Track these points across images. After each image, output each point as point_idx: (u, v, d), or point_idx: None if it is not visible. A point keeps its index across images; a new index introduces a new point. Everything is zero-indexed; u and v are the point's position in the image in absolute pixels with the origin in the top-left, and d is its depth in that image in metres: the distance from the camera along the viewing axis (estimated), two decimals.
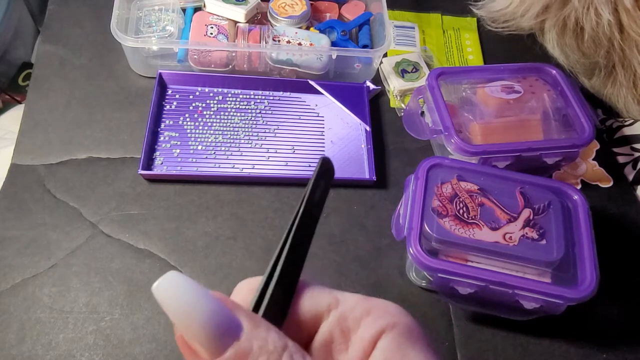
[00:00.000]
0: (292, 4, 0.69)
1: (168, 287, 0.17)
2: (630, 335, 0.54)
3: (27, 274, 0.51)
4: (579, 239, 0.50)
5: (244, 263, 0.54)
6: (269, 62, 0.66)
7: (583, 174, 0.65)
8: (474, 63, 0.75)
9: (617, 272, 0.57)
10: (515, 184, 0.52)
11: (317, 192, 0.21)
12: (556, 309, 0.48)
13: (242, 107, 0.65)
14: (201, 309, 0.17)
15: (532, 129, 0.59)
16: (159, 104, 0.64)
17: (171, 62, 0.67)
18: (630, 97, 0.68)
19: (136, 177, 0.58)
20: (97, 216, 0.55)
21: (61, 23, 0.71)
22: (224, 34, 0.66)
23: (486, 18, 0.78)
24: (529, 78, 0.63)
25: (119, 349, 0.48)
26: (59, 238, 0.54)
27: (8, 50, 0.99)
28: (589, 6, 0.65)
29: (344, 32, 0.70)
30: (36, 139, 0.60)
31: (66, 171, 0.58)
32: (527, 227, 0.49)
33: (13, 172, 0.58)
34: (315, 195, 0.21)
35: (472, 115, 0.59)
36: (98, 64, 0.67)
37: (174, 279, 0.17)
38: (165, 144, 0.61)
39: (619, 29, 0.65)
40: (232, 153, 0.61)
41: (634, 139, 0.68)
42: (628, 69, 0.66)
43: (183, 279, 0.17)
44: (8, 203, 0.55)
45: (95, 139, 0.61)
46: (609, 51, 0.67)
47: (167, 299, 0.17)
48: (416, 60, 0.72)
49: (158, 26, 0.67)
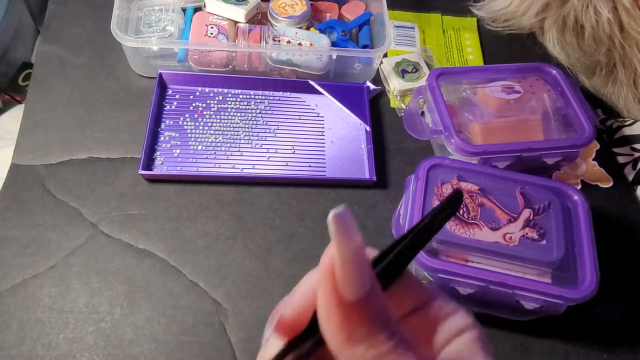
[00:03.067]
0: (292, 4, 0.69)
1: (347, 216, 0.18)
2: (630, 335, 0.54)
3: (27, 274, 0.51)
4: (579, 239, 0.50)
5: (244, 263, 0.54)
6: (269, 62, 0.66)
7: (583, 174, 0.65)
8: (474, 63, 0.75)
9: (617, 272, 0.57)
10: (515, 184, 0.52)
11: (440, 217, 0.22)
12: (556, 309, 0.48)
13: (242, 107, 0.65)
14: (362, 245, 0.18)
15: (532, 129, 0.59)
16: (159, 104, 0.64)
17: (171, 62, 0.67)
18: (631, 95, 0.68)
19: (136, 177, 0.58)
20: (97, 216, 0.55)
21: (61, 23, 0.71)
22: (224, 34, 0.66)
23: (486, 18, 0.78)
24: (529, 78, 0.63)
25: (119, 349, 0.48)
26: (59, 238, 0.54)
27: (8, 50, 0.99)
28: (587, 4, 0.65)
29: (344, 32, 0.70)
30: (36, 139, 0.60)
31: (66, 171, 0.58)
32: (527, 228, 0.49)
33: (13, 172, 0.58)
34: (436, 220, 0.22)
35: (472, 115, 0.59)
36: (98, 64, 0.67)
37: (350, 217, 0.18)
38: (165, 144, 0.61)
39: (619, 27, 0.65)
40: (232, 153, 0.61)
41: (634, 139, 0.68)
42: (628, 67, 0.66)
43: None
44: (8, 203, 0.55)
45: (96, 139, 0.61)
46: (610, 49, 0.67)
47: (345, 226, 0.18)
48: (416, 60, 0.72)
49: (158, 26, 0.67)
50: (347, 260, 0.18)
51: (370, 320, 0.18)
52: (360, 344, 0.18)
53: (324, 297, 0.19)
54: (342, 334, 0.18)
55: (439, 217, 0.22)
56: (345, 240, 0.18)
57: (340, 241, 0.18)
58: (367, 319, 0.18)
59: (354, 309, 0.18)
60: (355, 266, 0.18)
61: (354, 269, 0.18)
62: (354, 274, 0.18)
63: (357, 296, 0.18)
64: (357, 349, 0.18)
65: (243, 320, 0.51)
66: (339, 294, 0.18)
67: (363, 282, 0.18)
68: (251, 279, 0.53)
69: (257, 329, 0.51)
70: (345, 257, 0.18)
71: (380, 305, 0.19)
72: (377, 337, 0.18)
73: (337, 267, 0.18)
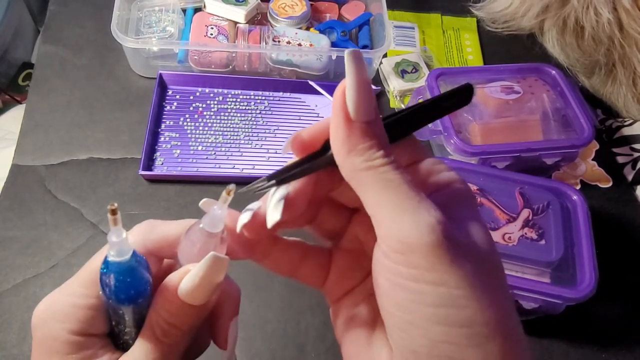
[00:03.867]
0: (292, 5, 0.69)
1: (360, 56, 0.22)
2: (630, 335, 0.54)
3: (28, 274, 0.51)
4: (578, 239, 0.50)
5: (244, 262, 0.54)
6: (269, 63, 0.67)
7: (582, 174, 0.65)
8: (474, 63, 0.75)
9: (616, 272, 0.57)
10: (514, 184, 0.52)
11: (449, 101, 0.24)
12: (555, 309, 0.49)
13: (242, 107, 0.65)
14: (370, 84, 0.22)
15: (531, 130, 0.59)
16: (160, 104, 0.64)
17: (171, 63, 0.67)
18: (630, 95, 0.68)
19: (137, 178, 0.58)
20: (97, 216, 0.56)
21: (62, 23, 0.71)
22: (224, 34, 0.66)
23: (486, 19, 0.78)
24: (529, 78, 0.64)
25: None
26: (60, 238, 0.54)
27: (8, 50, 0.99)
28: (588, 5, 0.65)
29: (343, 32, 0.70)
30: (37, 140, 0.61)
31: (67, 172, 0.58)
32: (527, 227, 0.49)
33: (14, 172, 0.58)
34: (445, 103, 0.24)
35: (471, 115, 0.59)
36: (98, 64, 0.68)
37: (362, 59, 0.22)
38: (165, 144, 0.61)
39: (619, 28, 0.65)
40: (233, 153, 0.61)
41: (633, 139, 0.68)
42: (628, 67, 0.67)
43: None
44: (9, 203, 0.56)
45: (96, 139, 0.61)
46: (609, 49, 0.67)
47: (358, 60, 0.21)
48: (416, 60, 0.72)
49: (158, 27, 0.67)
50: (355, 86, 0.21)
51: (370, 139, 0.22)
52: (359, 156, 0.21)
53: (335, 114, 0.22)
54: (346, 146, 0.22)
55: (446, 101, 0.24)
56: (357, 70, 0.21)
57: (352, 70, 0.21)
58: (367, 137, 0.22)
59: (358, 127, 0.22)
60: (361, 92, 0.21)
61: (360, 93, 0.21)
62: (360, 97, 0.21)
63: (361, 118, 0.22)
64: (357, 160, 0.22)
65: (243, 320, 0.51)
66: (347, 113, 0.22)
67: (367, 107, 0.22)
68: (251, 279, 0.53)
69: (257, 329, 0.51)
70: (354, 83, 0.21)
71: (380, 131, 0.22)
72: (375, 153, 0.21)
73: (347, 91, 0.21)
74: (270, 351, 0.50)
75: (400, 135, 0.24)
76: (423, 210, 0.21)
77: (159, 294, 0.25)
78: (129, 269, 0.23)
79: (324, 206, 0.27)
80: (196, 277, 0.24)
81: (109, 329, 0.26)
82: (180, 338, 0.25)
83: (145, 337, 0.25)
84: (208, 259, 0.23)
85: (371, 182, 0.21)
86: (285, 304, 0.52)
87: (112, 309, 0.25)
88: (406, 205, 0.21)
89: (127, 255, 0.23)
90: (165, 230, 0.27)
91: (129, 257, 0.23)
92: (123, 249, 0.23)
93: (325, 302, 0.28)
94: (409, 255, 0.21)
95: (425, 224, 0.20)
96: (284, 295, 0.53)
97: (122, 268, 0.23)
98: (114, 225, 0.22)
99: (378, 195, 0.21)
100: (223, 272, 0.24)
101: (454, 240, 0.21)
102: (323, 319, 0.52)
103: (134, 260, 0.23)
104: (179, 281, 0.24)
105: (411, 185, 0.21)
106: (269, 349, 0.50)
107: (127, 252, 0.23)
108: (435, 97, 0.24)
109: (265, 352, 0.50)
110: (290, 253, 0.27)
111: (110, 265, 0.23)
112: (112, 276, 0.23)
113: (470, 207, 0.24)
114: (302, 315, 0.52)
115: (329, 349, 0.50)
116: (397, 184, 0.21)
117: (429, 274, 0.20)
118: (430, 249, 0.20)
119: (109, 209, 0.22)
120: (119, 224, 0.22)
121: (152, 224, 0.27)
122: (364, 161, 0.21)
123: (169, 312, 0.24)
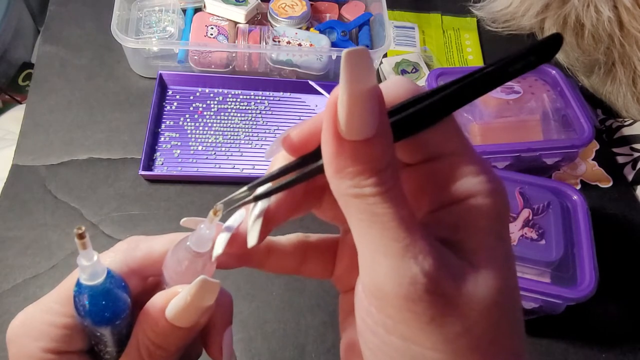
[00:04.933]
0: (292, 5, 0.69)
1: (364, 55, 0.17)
2: (630, 335, 0.54)
3: (28, 274, 0.51)
4: (578, 239, 0.50)
5: None
6: (269, 63, 0.67)
7: (582, 174, 0.65)
8: (474, 63, 0.75)
9: (616, 272, 0.57)
10: (514, 184, 0.52)
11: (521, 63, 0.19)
12: (555, 309, 0.49)
13: (242, 107, 0.65)
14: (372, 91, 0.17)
15: (531, 130, 0.59)
16: (160, 104, 0.64)
17: (171, 63, 0.67)
18: (630, 94, 0.68)
19: (137, 178, 0.58)
20: (97, 217, 0.56)
21: (62, 24, 0.71)
22: (224, 34, 0.66)
23: (486, 18, 0.78)
24: (529, 78, 0.64)
25: None
26: (60, 238, 0.54)
27: (8, 50, 0.99)
28: (588, 4, 0.65)
29: (344, 32, 0.70)
30: (37, 140, 0.61)
31: (67, 172, 0.58)
32: (527, 227, 0.49)
33: (14, 172, 0.58)
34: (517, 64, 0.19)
35: (471, 115, 0.59)
36: (98, 64, 0.68)
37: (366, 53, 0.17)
38: (165, 144, 0.61)
39: (619, 26, 0.65)
40: (233, 154, 0.61)
41: (633, 139, 0.68)
42: (628, 66, 0.67)
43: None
44: (9, 204, 0.56)
45: (96, 139, 0.61)
46: (609, 47, 0.67)
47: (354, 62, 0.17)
48: (416, 60, 0.72)
49: (158, 27, 0.67)
50: (347, 97, 0.17)
51: (362, 163, 0.18)
52: (347, 180, 0.18)
53: (325, 125, 0.18)
54: (333, 165, 0.18)
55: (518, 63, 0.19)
56: (352, 76, 0.17)
57: (346, 76, 0.17)
58: (358, 160, 0.18)
59: (348, 147, 0.18)
60: (355, 105, 0.17)
61: (353, 107, 0.17)
62: (353, 113, 0.17)
63: (353, 136, 0.18)
64: (342, 184, 0.18)
65: (243, 320, 0.51)
66: (337, 128, 0.18)
67: (361, 125, 0.18)
68: (251, 279, 0.53)
69: (257, 329, 0.51)
70: (347, 94, 0.17)
71: (379, 151, 0.18)
72: (364, 180, 0.18)
73: (339, 102, 0.17)
74: (270, 351, 0.50)
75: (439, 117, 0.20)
76: (409, 257, 0.17)
77: (145, 314, 0.24)
78: (103, 292, 0.22)
79: (327, 192, 0.23)
80: (184, 299, 0.22)
81: (88, 346, 0.25)
82: (167, 359, 0.24)
83: (130, 357, 0.24)
84: (197, 283, 0.22)
85: (356, 212, 0.18)
86: (285, 304, 0.52)
87: (89, 330, 0.24)
88: (390, 249, 0.18)
89: (99, 277, 0.22)
90: (149, 247, 0.25)
91: (102, 279, 0.22)
92: (96, 272, 0.22)
93: (325, 302, 0.27)
94: (383, 302, 0.18)
95: (406, 275, 0.17)
96: (284, 295, 0.53)
97: (96, 291, 0.22)
98: (83, 249, 0.21)
99: (362, 229, 0.18)
100: (214, 296, 0.23)
101: (441, 294, 0.17)
102: (323, 319, 0.52)
103: (108, 282, 0.22)
104: (165, 302, 0.23)
105: (403, 223, 0.18)
106: (269, 349, 0.50)
107: (100, 275, 0.22)
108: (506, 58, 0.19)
109: (265, 352, 0.50)
110: (289, 257, 0.25)
111: (82, 288, 0.22)
112: (86, 298, 0.22)
113: (489, 232, 0.19)
114: (302, 315, 0.52)
115: (329, 349, 0.50)
116: (385, 220, 0.18)
117: (401, 328, 0.18)
118: (404, 303, 0.17)
119: (76, 233, 0.20)
120: (88, 248, 0.21)
121: (135, 241, 0.26)
122: (351, 187, 0.18)
123: (155, 332, 0.23)
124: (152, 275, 0.26)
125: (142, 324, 0.24)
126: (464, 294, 0.18)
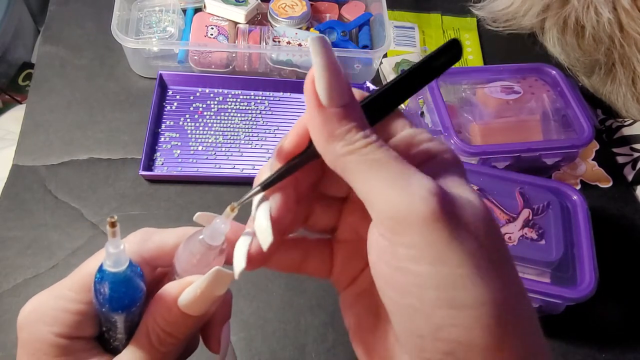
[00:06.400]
0: (292, 5, 0.69)
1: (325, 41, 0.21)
2: (630, 335, 0.54)
3: (28, 274, 0.51)
4: (578, 239, 0.50)
5: None
6: (269, 63, 0.67)
7: (582, 174, 0.65)
8: (474, 63, 0.75)
9: (616, 272, 0.57)
10: (514, 184, 0.52)
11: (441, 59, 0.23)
12: (555, 309, 0.49)
13: (242, 107, 0.65)
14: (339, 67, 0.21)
15: (531, 130, 0.59)
16: (160, 104, 0.64)
17: (172, 63, 0.67)
18: (630, 94, 0.68)
19: (137, 178, 0.59)
20: (98, 217, 0.56)
21: (62, 24, 0.71)
22: (224, 34, 0.66)
23: (487, 18, 0.78)
24: (529, 78, 0.64)
25: None
26: (60, 238, 0.54)
27: (8, 50, 0.99)
28: (588, 5, 0.65)
29: (344, 32, 0.70)
30: (37, 140, 0.61)
31: (67, 172, 0.58)
32: (527, 228, 0.49)
33: (14, 172, 0.58)
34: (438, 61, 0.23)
35: (471, 115, 0.59)
36: (99, 64, 0.68)
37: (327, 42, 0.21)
38: (165, 144, 0.61)
39: (619, 27, 0.65)
40: (233, 154, 0.61)
41: (633, 139, 0.68)
42: (627, 66, 0.67)
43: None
44: (9, 204, 0.56)
45: (96, 139, 0.61)
46: (610, 48, 0.67)
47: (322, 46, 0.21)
48: (416, 60, 0.72)
49: (158, 27, 0.67)
50: (323, 72, 0.21)
51: (348, 122, 0.21)
52: (339, 141, 0.21)
53: (308, 104, 0.21)
54: (324, 134, 0.21)
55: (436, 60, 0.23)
56: (323, 56, 0.21)
57: (318, 56, 0.21)
58: (344, 121, 0.21)
59: (333, 113, 0.21)
60: (330, 77, 0.21)
61: (329, 79, 0.21)
62: (330, 83, 0.21)
63: (335, 103, 0.21)
64: (337, 146, 0.21)
65: (243, 320, 0.51)
66: (319, 101, 0.21)
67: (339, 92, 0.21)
68: (251, 279, 0.53)
69: (257, 329, 0.51)
70: (322, 70, 0.21)
71: (358, 112, 0.21)
72: (354, 135, 0.21)
73: (316, 79, 0.21)
74: (270, 351, 0.50)
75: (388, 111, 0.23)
76: (415, 182, 0.20)
77: (157, 302, 0.25)
78: (124, 279, 0.23)
79: (314, 204, 0.26)
80: (198, 289, 0.24)
81: (97, 333, 0.26)
82: (175, 346, 0.25)
83: (140, 343, 0.25)
84: (212, 273, 0.23)
85: (356, 166, 0.21)
86: (285, 304, 0.52)
87: (104, 316, 0.25)
88: (396, 180, 0.20)
89: (123, 265, 0.23)
90: (161, 239, 0.27)
91: (125, 267, 0.23)
92: (120, 260, 0.23)
93: (325, 302, 0.28)
94: (405, 234, 0.19)
95: (418, 196, 0.19)
96: (284, 295, 0.53)
97: (118, 278, 0.23)
98: (113, 237, 0.22)
99: (365, 177, 0.20)
100: (226, 286, 0.24)
101: (451, 212, 0.20)
102: (323, 319, 0.52)
103: (129, 270, 0.23)
104: (178, 291, 0.24)
105: (399, 160, 0.20)
106: (269, 349, 0.50)
107: (123, 263, 0.23)
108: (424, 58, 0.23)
109: (265, 352, 0.50)
110: (292, 253, 0.27)
111: (105, 275, 0.23)
112: (107, 285, 0.23)
113: (461, 176, 0.22)
114: (302, 315, 0.52)
115: (329, 349, 0.50)
116: (383, 161, 0.20)
117: (428, 252, 0.19)
118: (425, 222, 0.19)
119: (109, 222, 0.21)
120: (117, 236, 0.22)
121: (147, 232, 0.27)
122: (345, 146, 0.21)
123: (167, 320, 0.24)
124: (162, 266, 0.27)
125: (153, 311, 0.25)
126: (469, 213, 0.20)
